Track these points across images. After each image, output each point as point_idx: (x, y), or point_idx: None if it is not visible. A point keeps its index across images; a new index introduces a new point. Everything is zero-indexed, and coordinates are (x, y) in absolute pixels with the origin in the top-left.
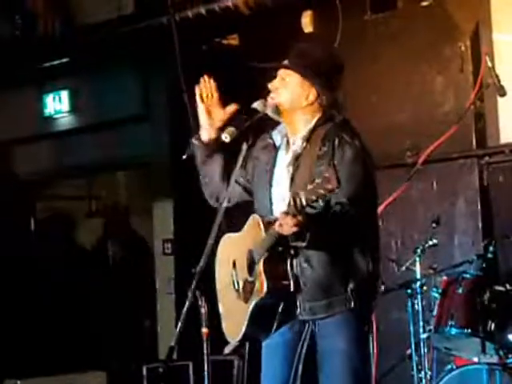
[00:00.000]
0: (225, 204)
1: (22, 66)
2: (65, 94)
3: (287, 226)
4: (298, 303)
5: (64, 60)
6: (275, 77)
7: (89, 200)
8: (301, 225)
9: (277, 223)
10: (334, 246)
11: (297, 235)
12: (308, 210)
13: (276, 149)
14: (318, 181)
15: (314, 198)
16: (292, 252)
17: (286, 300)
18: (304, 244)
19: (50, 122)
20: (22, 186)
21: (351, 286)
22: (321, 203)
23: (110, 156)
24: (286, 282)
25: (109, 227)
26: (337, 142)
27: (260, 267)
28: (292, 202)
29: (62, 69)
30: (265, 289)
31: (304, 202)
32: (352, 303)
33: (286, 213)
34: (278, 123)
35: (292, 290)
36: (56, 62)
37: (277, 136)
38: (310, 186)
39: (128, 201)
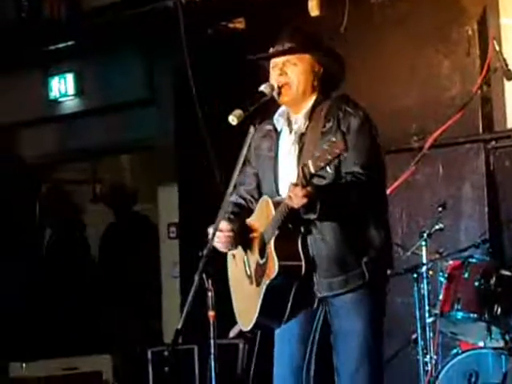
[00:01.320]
0: (231, 189)
1: (27, 48)
2: (70, 77)
3: (297, 198)
4: (314, 280)
5: (69, 43)
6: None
7: (93, 183)
8: (310, 195)
9: (286, 196)
10: (347, 217)
11: (307, 207)
12: (318, 180)
13: (277, 133)
14: (325, 147)
15: (322, 164)
16: (303, 230)
17: (299, 281)
18: (315, 216)
19: (55, 105)
20: (27, 169)
21: (365, 259)
22: (329, 170)
23: (115, 139)
24: (297, 262)
25: (113, 211)
26: (341, 115)
27: (270, 247)
28: (301, 173)
29: (68, 52)
30: (276, 269)
31: (312, 170)
32: (367, 277)
33: (295, 184)
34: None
35: (304, 270)
36: (61, 45)
37: (278, 120)
38: (317, 154)
39: (133, 184)
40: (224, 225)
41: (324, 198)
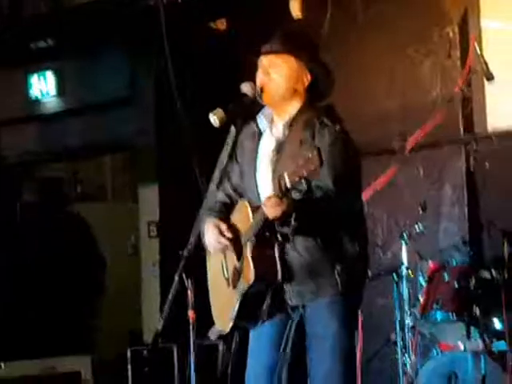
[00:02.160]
0: (214, 185)
1: (8, 47)
2: (51, 77)
3: (272, 209)
4: (285, 288)
5: (50, 42)
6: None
7: (74, 183)
8: (285, 208)
9: (262, 206)
10: (320, 230)
11: (282, 219)
12: (294, 194)
13: (260, 134)
14: (300, 162)
15: (297, 179)
16: (280, 238)
17: (274, 287)
18: (290, 230)
19: (35, 104)
20: (8, 168)
21: (338, 268)
22: (304, 185)
23: (96, 139)
24: (273, 269)
25: (93, 211)
26: (317, 126)
27: (247, 253)
28: (277, 185)
29: (49, 51)
30: (252, 275)
31: (288, 184)
32: (340, 286)
33: (271, 196)
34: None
35: (280, 277)
36: (42, 44)
37: (262, 120)
38: (293, 168)
39: (113, 184)
40: (224, 226)
41: (299, 212)
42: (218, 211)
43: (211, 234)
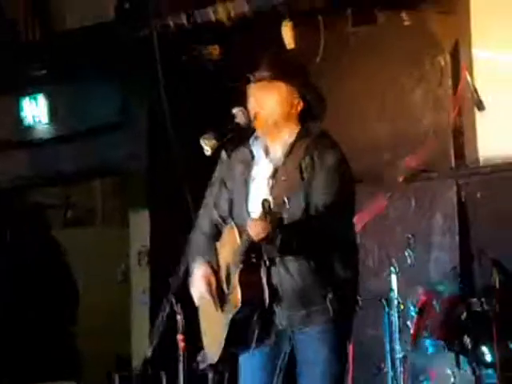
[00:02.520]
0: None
1: (0, 73)
2: (43, 102)
3: (256, 230)
4: (276, 312)
5: (43, 68)
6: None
7: (65, 209)
8: (270, 229)
9: (247, 228)
10: (310, 253)
11: (267, 240)
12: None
13: (252, 158)
14: (284, 185)
15: (280, 200)
16: (267, 262)
17: (263, 312)
18: (275, 250)
19: (27, 129)
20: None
21: (330, 295)
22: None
23: (88, 164)
24: (260, 294)
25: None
26: (317, 153)
27: (235, 279)
28: (261, 207)
29: (40, 77)
30: (240, 301)
31: (272, 205)
32: (331, 313)
33: (255, 218)
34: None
35: (267, 302)
36: (35, 70)
37: (255, 146)
38: (277, 192)
39: (104, 209)
40: (208, 272)
41: (285, 234)
42: (207, 247)
43: (198, 283)
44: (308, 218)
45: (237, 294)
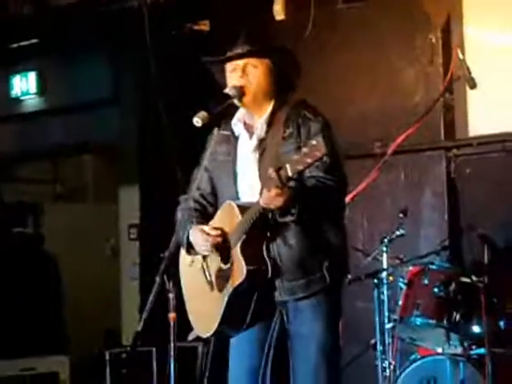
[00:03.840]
0: (196, 194)
1: None
2: (32, 76)
3: (273, 199)
4: (276, 284)
5: (33, 41)
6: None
7: (54, 183)
8: (287, 197)
9: (261, 199)
10: (318, 217)
11: (284, 209)
12: (312, 171)
13: (236, 138)
14: (305, 150)
15: (300, 168)
16: (269, 234)
17: (263, 286)
18: (293, 218)
19: (16, 103)
20: None
21: (326, 263)
22: (308, 173)
23: (77, 139)
24: (263, 266)
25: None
26: (300, 120)
27: (238, 251)
28: (275, 176)
29: (30, 50)
30: (244, 273)
31: (290, 173)
32: (328, 280)
33: (271, 188)
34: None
35: (270, 273)
36: (24, 43)
37: (236, 124)
38: (295, 156)
39: (94, 185)
40: (208, 227)
41: (301, 200)
42: (194, 221)
43: (198, 238)
44: (313, 185)
45: (239, 267)
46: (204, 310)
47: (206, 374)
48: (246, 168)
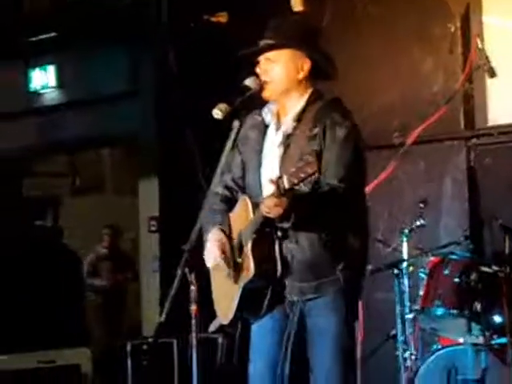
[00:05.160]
0: (228, 179)
1: (8, 39)
2: (51, 69)
3: (270, 209)
4: (286, 284)
5: (51, 35)
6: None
7: (73, 176)
8: (285, 207)
9: (261, 206)
10: (323, 226)
11: (282, 217)
12: (297, 189)
13: (265, 127)
14: (299, 164)
15: (295, 181)
16: (280, 234)
17: (275, 283)
18: (289, 224)
19: (35, 97)
20: (7, 162)
21: (340, 266)
22: (303, 186)
23: (96, 132)
24: (273, 265)
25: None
26: (328, 122)
27: (248, 249)
28: (275, 186)
29: (49, 44)
30: (252, 271)
31: (286, 186)
32: (342, 284)
33: (271, 195)
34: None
35: (279, 273)
36: (43, 37)
37: (267, 114)
38: (292, 169)
39: (113, 178)
40: (221, 236)
41: (299, 209)
42: (220, 213)
43: (212, 251)
44: (321, 193)
45: (249, 265)
46: (224, 298)
47: (234, 360)
48: (270, 161)
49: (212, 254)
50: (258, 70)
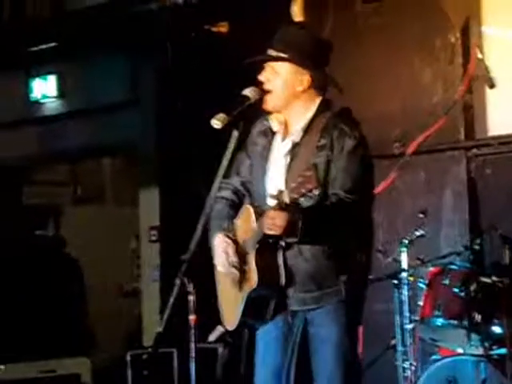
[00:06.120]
0: (237, 182)
1: (9, 49)
2: (52, 79)
3: (270, 228)
4: (289, 294)
5: (52, 44)
6: (263, 67)
7: (74, 186)
8: (285, 224)
9: (264, 223)
10: (329, 238)
11: (288, 232)
12: (303, 201)
13: (273, 133)
14: (299, 180)
15: (296, 196)
16: (283, 244)
17: (278, 292)
18: (296, 240)
19: (36, 106)
20: (8, 171)
21: (343, 278)
22: (305, 202)
23: (97, 141)
24: (276, 275)
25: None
26: (336, 133)
27: (251, 259)
28: (276, 201)
29: (50, 53)
30: (255, 281)
31: (287, 201)
32: (343, 295)
33: (272, 209)
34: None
35: (283, 283)
36: (44, 46)
37: (274, 121)
38: (293, 185)
39: (114, 187)
40: (232, 251)
41: (306, 223)
42: (226, 218)
43: (219, 255)
44: (327, 206)
45: (252, 274)
46: (229, 303)
47: (241, 369)
48: (276, 170)
49: (221, 259)
50: (260, 77)
